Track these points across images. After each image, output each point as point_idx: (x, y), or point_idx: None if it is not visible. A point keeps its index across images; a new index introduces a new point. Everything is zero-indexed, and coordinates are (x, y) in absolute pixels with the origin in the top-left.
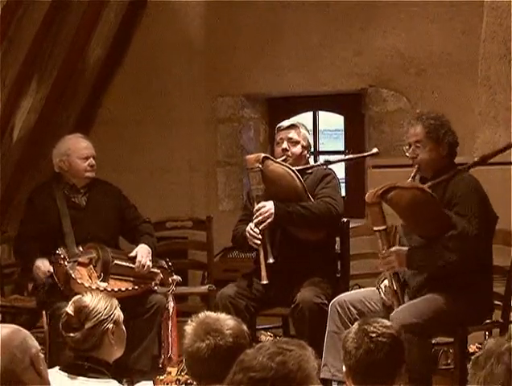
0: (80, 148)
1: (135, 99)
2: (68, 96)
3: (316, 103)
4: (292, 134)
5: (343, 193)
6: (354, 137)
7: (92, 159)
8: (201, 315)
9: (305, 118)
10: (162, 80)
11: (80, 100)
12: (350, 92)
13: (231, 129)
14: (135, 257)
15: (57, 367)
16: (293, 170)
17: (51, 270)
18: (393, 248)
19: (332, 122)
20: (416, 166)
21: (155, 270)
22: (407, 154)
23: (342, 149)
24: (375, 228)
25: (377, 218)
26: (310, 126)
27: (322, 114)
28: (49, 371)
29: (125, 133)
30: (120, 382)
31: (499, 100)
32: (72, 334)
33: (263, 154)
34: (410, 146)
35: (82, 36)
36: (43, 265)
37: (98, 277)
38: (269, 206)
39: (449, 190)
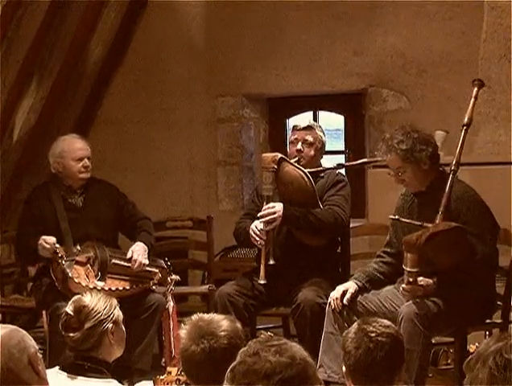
0: (75, 149)
1: (135, 99)
2: (68, 96)
3: (316, 103)
4: (308, 136)
5: None
6: (354, 137)
7: (86, 160)
8: (194, 318)
9: (310, 117)
10: (162, 79)
11: (80, 100)
12: (350, 92)
13: (231, 129)
14: (131, 258)
15: (57, 367)
16: (307, 174)
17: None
18: (421, 281)
19: (332, 122)
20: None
21: (154, 269)
22: (393, 179)
23: (342, 148)
24: (408, 269)
25: (413, 262)
26: None
27: (322, 114)
28: (49, 371)
29: (125, 133)
30: (120, 382)
31: (499, 100)
32: (71, 334)
33: (280, 155)
34: (393, 173)
35: (82, 36)
36: (47, 239)
37: (96, 276)
38: (278, 207)
39: (453, 206)
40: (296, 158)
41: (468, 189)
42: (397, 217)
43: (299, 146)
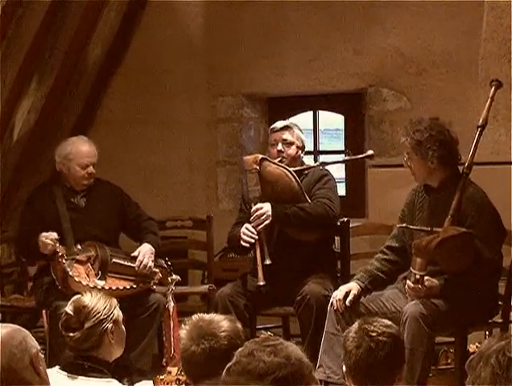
0: (82, 155)
1: (135, 99)
2: (68, 95)
3: (316, 103)
4: (286, 136)
5: (343, 193)
6: (354, 137)
7: (91, 167)
8: (194, 318)
9: (305, 118)
10: (162, 79)
11: (80, 99)
12: (350, 92)
13: (231, 129)
14: (137, 257)
15: (57, 367)
16: (290, 172)
17: (57, 237)
18: (426, 281)
19: (332, 122)
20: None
21: (154, 269)
22: (403, 162)
23: (342, 148)
24: (415, 272)
25: (421, 265)
26: (310, 126)
27: (322, 114)
28: (49, 370)
29: (125, 133)
30: (120, 381)
31: (499, 100)
32: (71, 334)
33: (261, 156)
34: (404, 156)
35: (82, 36)
36: (48, 235)
37: (96, 275)
38: (266, 207)
39: (462, 208)
40: (279, 159)
41: (479, 191)
42: (404, 225)
43: (279, 147)
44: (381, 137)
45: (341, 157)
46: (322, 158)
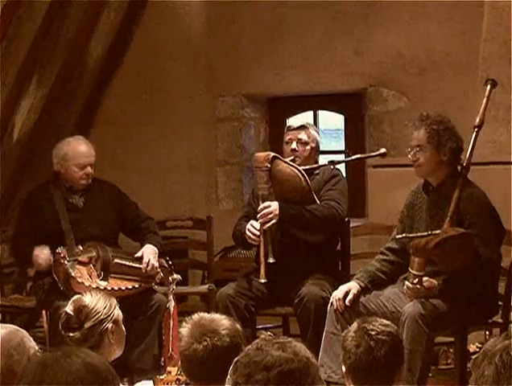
0: (79, 156)
1: (135, 99)
2: (68, 95)
3: (316, 103)
4: (302, 135)
5: None
6: (354, 137)
7: (89, 168)
8: (195, 317)
9: (305, 118)
10: (162, 79)
11: (80, 100)
12: (350, 92)
13: (231, 129)
14: (141, 258)
15: None
16: (301, 172)
17: (52, 258)
18: (425, 282)
19: (332, 122)
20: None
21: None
22: (409, 156)
23: (342, 148)
24: (414, 272)
25: (419, 265)
26: None
27: (322, 114)
28: None
29: (125, 133)
30: (120, 381)
31: (499, 100)
32: (71, 334)
33: (272, 154)
34: (412, 149)
35: (82, 36)
36: (43, 253)
37: (98, 275)
38: (274, 206)
39: (461, 207)
40: (291, 158)
41: (478, 191)
42: (404, 235)
43: (293, 146)
44: (382, 137)
45: (342, 158)
46: (322, 158)
